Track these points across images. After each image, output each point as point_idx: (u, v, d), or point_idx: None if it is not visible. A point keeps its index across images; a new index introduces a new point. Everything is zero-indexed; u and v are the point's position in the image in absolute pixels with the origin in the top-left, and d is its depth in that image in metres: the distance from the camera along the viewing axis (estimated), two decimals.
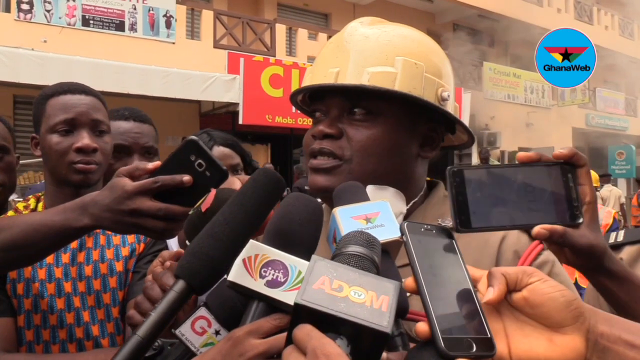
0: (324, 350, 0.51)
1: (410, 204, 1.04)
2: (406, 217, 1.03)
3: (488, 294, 0.61)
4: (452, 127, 1.13)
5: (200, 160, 0.91)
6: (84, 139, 1.45)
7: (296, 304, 0.54)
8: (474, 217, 0.71)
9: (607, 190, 12.48)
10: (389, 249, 0.72)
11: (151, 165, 0.96)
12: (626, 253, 1.59)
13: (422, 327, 0.57)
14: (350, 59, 1.02)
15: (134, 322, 0.85)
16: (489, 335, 0.57)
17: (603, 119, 20.31)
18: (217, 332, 0.73)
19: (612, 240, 1.66)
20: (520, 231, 0.99)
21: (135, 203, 0.92)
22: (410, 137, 1.05)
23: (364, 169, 1.00)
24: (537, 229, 0.72)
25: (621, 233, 1.67)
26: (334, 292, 0.55)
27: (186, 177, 0.91)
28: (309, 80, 1.08)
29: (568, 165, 0.79)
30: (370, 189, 0.96)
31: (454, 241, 0.67)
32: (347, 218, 0.74)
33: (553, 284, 0.61)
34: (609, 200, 12.24)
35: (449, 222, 1.01)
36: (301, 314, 0.55)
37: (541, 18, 17.27)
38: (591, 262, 0.75)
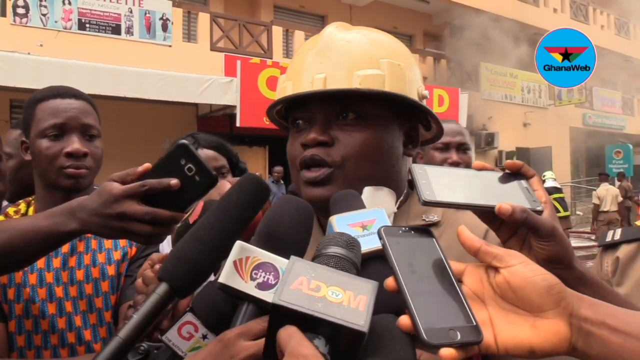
0: (300, 351, 0.52)
1: (398, 202, 1.05)
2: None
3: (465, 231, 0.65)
4: (428, 124, 1.15)
5: (190, 165, 0.90)
6: (74, 143, 1.44)
7: (273, 304, 0.55)
8: (438, 192, 0.73)
9: (603, 189, 12.50)
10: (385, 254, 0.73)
11: (141, 168, 0.95)
12: (623, 251, 1.58)
13: (404, 320, 0.57)
14: (336, 63, 1.01)
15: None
16: (475, 323, 0.58)
17: (600, 118, 20.38)
18: (204, 337, 0.73)
19: (609, 238, 1.65)
20: None
21: (122, 207, 0.92)
22: (397, 137, 1.07)
23: (359, 174, 0.99)
24: (500, 204, 0.72)
25: (618, 231, 1.67)
26: (311, 292, 0.56)
27: (174, 181, 0.90)
28: (291, 89, 1.05)
29: (519, 175, 0.82)
30: (367, 190, 0.97)
31: (434, 239, 0.68)
32: (343, 226, 0.75)
33: (534, 267, 0.61)
34: (606, 199, 12.25)
35: (433, 217, 1.03)
36: (279, 314, 0.55)
37: (537, 18, 17.32)
38: (558, 252, 0.74)
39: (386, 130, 1.04)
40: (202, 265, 0.65)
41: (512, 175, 0.81)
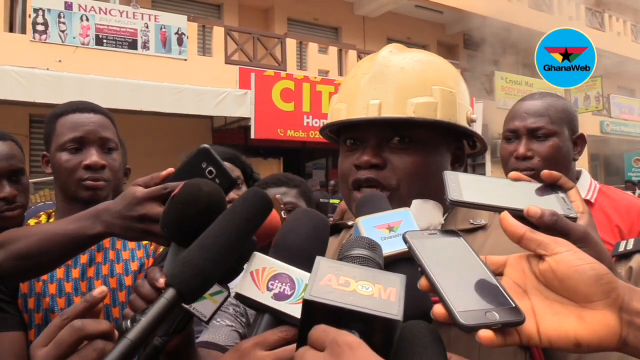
0: (344, 340, 0.51)
1: (446, 214, 1.08)
2: None
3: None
4: (474, 142, 1.18)
5: (210, 168, 0.93)
6: (92, 156, 1.48)
7: (305, 300, 0.54)
8: (465, 193, 0.72)
9: None
10: (415, 265, 0.73)
11: (164, 172, 0.99)
12: (636, 261, 1.56)
13: (438, 309, 0.56)
14: (390, 90, 1.05)
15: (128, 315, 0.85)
16: (514, 305, 0.56)
17: (618, 126, 20.11)
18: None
19: (622, 248, 1.64)
20: None
21: (145, 209, 0.94)
22: (445, 158, 1.10)
23: (410, 194, 1.02)
24: (528, 207, 0.71)
25: (631, 241, 1.65)
26: (341, 287, 0.56)
27: None
28: (346, 112, 1.09)
29: (557, 187, 0.81)
30: (415, 202, 0.99)
31: (461, 238, 0.67)
32: (370, 228, 0.76)
33: (582, 256, 0.58)
34: None
35: (480, 221, 1.04)
36: (310, 310, 0.55)
37: (552, 26, 17.18)
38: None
39: (435, 153, 1.07)
40: (207, 271, 0.65)
41: (549, 186, 0.80)
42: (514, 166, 1.91)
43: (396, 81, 1.05)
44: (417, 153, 1.04)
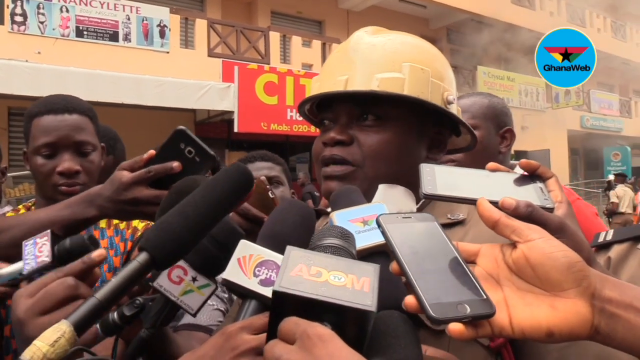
0: (315, 332, 0.50)
1: (420, 203, 1.06)
2: None
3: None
4: (457, 130, 1.15)
5: (189, 148, 1.00)
6: (65, 162, 1.45)
7: (275, 292, 0.53)
8: (440, 186, 0.73)
9: (621, 189, 12.52)
10: (388, 251, 0.73)
11: (146, 155, 1.04)
12: (614, 252, 1.59)
13: (409, 300, 0.55)
14: (358, 66, 1.03)
15: None
16: (485, 297, 0.55)
17: (598, 121, 20.43)
18: (194, 279, 0.76)
19: (601, 239, 1.67)
20: None
21: (133, 193, 1.00)
22: (419, 140, 1.07)
23: (376, 173, 1.01)
24: (503, 199, 0.70)
25: (610, 232, 1.68)
26: (312, 278, 0.54)
27: (175, 164, 0.99)
28: (317, 89, 1.09)
29: (536, 176, 0.81)
30: (381, 187, 0.98)
31: (435, 222, 0.67)
32: (344, 221, 0.76)
33: (555, 243, 0.58)
34: (624, 199, 12.25)
35: (458, 216, 1.02)
36: (281, 302, 0.54)
37: (534, 21, 17.38)
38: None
39: (405, 133, 1.05)
40: (183, 239, 0.65)
41: (528, 176, 0.80)
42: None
43: (365, 57, 1.04)
44: (385, 131, 1.02)
